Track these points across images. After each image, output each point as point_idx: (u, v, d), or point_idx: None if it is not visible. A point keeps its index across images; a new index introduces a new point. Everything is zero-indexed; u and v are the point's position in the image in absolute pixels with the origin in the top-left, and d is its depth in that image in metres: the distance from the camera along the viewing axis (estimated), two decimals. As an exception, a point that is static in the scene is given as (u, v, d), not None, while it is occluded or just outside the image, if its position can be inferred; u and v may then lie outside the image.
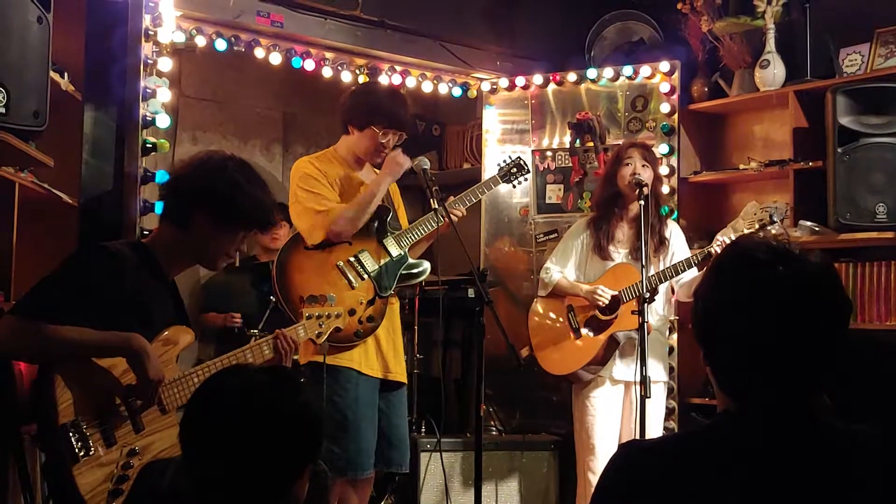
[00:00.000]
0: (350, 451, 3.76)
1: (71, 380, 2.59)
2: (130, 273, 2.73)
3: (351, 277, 3.84)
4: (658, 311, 4.34)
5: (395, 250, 3.94)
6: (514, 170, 4.32)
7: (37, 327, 2.56)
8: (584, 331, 4.33)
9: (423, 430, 5.13)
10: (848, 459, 1.48)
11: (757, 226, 4.10)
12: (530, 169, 4.50)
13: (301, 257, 3.83)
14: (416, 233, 3.97)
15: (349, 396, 3.77)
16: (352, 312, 3.75)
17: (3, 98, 2.99)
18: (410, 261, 4.00)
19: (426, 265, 4.05)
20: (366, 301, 3.85)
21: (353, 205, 3.83)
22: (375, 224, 3.94)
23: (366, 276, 3.87)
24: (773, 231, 4.08)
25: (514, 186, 4.48)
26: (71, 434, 2.56)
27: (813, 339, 1.50)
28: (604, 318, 4.28)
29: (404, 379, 4.04)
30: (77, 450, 2.55)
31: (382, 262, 3.92)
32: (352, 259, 3.87)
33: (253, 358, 2.96)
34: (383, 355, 3.92)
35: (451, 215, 3.84)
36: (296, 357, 3.33)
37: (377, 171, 4.16)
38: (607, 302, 4.23)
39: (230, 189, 2.82)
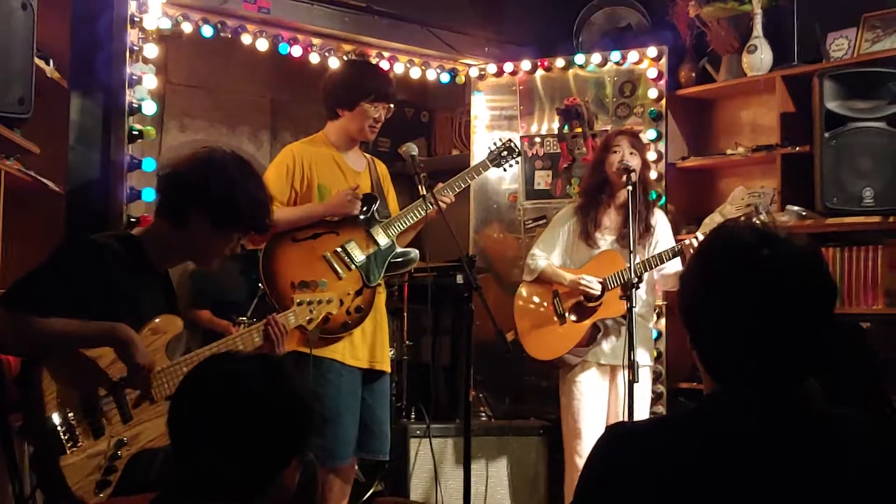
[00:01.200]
0: (330, 441, 3.77)
1: (57, 371, 2.58)
2: (117, 265, 2.71)
3: (338, 268, 3.83)
4: (642, 297, 4.34)
5: (383, 239, 3.93)
6: (505, 153, 4.30)
7: (23, 319, 2.55)
8: (568, 317, 4.34)
9: (413, 416, 5.14)
10: (836, 444, 1.48)
11: (742, 218, 4.11)
12: (521, 151, 4.47)
13: (288, 248, 3.82)
14: (405, 221, 3.96)
15: (332, 387, 3.77)
16: (340, 303, 3.74)
17: (-12, 85, 2.98)
18: (398, 249, 4.00)
19: (415, 253, 4.05)
20: (353, 292, 3.84)
21: (287, 214, 3.79)
22: (362, 213, 3.93)
23: (353, 267, 3.87)
24: (759, 222, 4.09)
25: (505, 170, 4.47)
26: (58, 425, 2.55)
27: (799, 323, 1.50)
28: (589, 304, 4.30)
29: (388, 368, 4.04)
30: (64, 441, 2.55)
31: (370, 251, 3.91)
32: (339, 250, 3.87)
33: (243, 345, 2.95)
34: (369, 345, 3.92)
35: (440, 202, 3.84)
36: None
37: (367, 155, 4.16)
38: (598, 293, 4.23)
39: (229, 190, 2.79)
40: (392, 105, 4.00)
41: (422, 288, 5.24)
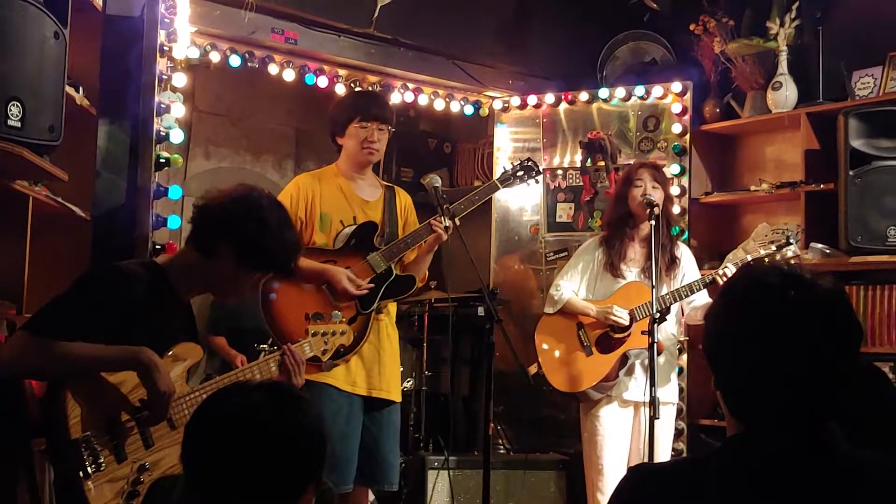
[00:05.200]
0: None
1: (80, 395, 2.60)
2: (141, 293, 2.73)
3: (333, 297, 3.83)
4: (669, 331, 4.32)
5: (379, 266, 3.93)
6: (520, 172, 4.25)
7: (48, 345, 2.57)
8: (594, 348, 4.31)
9: (431, 447, 5.12)
10: (861, 488, 1.47)
11: (773, 248, 4.09)
12: (540, 170, 4.36)
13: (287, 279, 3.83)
14: (402, 245, 3.95)
15: (324, 412, 3.75)
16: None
17: (19, 112, 3.00)
18: (397, 275, 3.97)
19: (413, 280, 4.00)
20: (348, 318, 3.83)
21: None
22: (353, 241, 3.93)
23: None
24: (790, 254, 4.07)
25: (528, 185, 4.32)
26: (82, 450, 2.56)
27: (824, 365, 1.50)
28: (616, 335, 4.27)
29: (394, 397, 3.99)
30: (88, 465, 2.56)
31: (366, 279, 3.91)
32: None
33: (260, 375, 2.96)
34: (366, 372, 3.90)
35: (434, 227, 3.84)
36: None
37: (386, 184, 4.18)
38: (626, 323, 4.21)
39: (261, 232, 2.81)
40: (385, 126, 3.99)
41: (442, 318, 5.24)
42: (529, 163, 4.30)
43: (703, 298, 4.27)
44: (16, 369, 2.66)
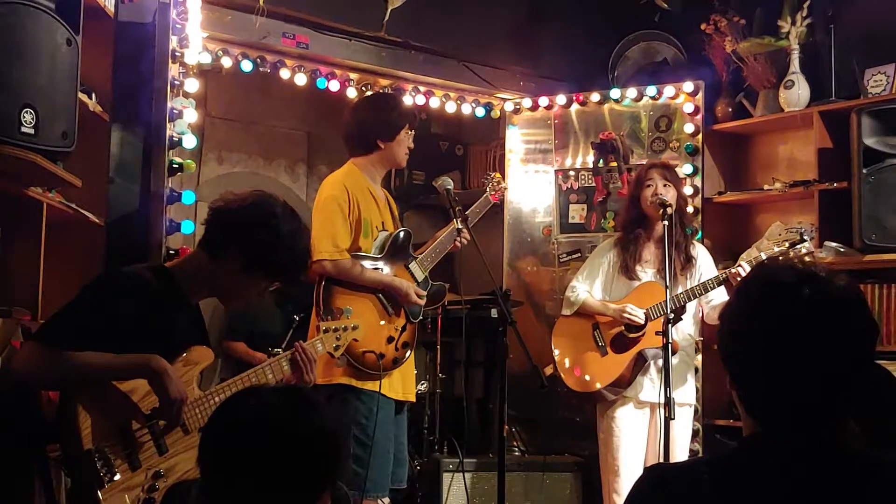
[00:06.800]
0: (375, 472, 3.78)
1: (92, 405, 2.60)
2: (150, 298, 2.74)
3: (388, 306, 3.88)
4: (686, 331, 4.31)
5: (420, 275, 4.00)
6: (495, 184, 4.49)
7: (58, 354, 2.58)
8: (609, 348, 4.30)
9: (446, 450, 5.11)
10: (878, 488, 1.46)
11: (786, 245, 4.08)
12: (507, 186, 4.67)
13: (343, 287, 3.85)
14: (435, 255, 4.04)
15: (374, 419, 3.79)
16: (390, 340, 3.81)
17: (33, 119, 3.01)
18: (433, 284, 4.04)
19: (444, 288, 4.12)
20: (400, 327, 3.90)
21: (357, 271, 3.83)
22: (394, 249, 3.96)
23: (399, 304, 3.93)
24: (804, 250, 4.05)
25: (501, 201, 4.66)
26: (95, 459, 2.57)
27: (839, 364, 1.49)
28: (631, 335, 4.26)
29: (412, 398, 4.12)
30: (102, 475, 2.57)
31: None
32: None
33: (273, 374, 2.96)
34: (403, 378, 3.97)
35: (463, 239, 3.93)
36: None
37: (386, 190, 4.20)
38: (642, 321, 4.20)
39: (270, 239, 2.82)
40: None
41: (455, 321, 5.23)
42: (498, 175, 4.59)
43: (721, 297, 4.25)
44: (27, 380, 2.67)
